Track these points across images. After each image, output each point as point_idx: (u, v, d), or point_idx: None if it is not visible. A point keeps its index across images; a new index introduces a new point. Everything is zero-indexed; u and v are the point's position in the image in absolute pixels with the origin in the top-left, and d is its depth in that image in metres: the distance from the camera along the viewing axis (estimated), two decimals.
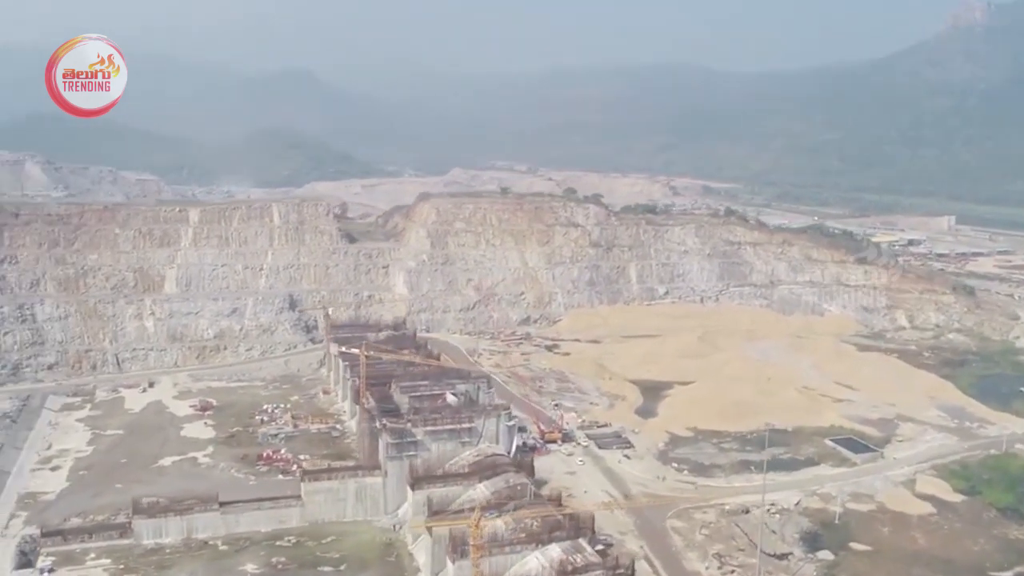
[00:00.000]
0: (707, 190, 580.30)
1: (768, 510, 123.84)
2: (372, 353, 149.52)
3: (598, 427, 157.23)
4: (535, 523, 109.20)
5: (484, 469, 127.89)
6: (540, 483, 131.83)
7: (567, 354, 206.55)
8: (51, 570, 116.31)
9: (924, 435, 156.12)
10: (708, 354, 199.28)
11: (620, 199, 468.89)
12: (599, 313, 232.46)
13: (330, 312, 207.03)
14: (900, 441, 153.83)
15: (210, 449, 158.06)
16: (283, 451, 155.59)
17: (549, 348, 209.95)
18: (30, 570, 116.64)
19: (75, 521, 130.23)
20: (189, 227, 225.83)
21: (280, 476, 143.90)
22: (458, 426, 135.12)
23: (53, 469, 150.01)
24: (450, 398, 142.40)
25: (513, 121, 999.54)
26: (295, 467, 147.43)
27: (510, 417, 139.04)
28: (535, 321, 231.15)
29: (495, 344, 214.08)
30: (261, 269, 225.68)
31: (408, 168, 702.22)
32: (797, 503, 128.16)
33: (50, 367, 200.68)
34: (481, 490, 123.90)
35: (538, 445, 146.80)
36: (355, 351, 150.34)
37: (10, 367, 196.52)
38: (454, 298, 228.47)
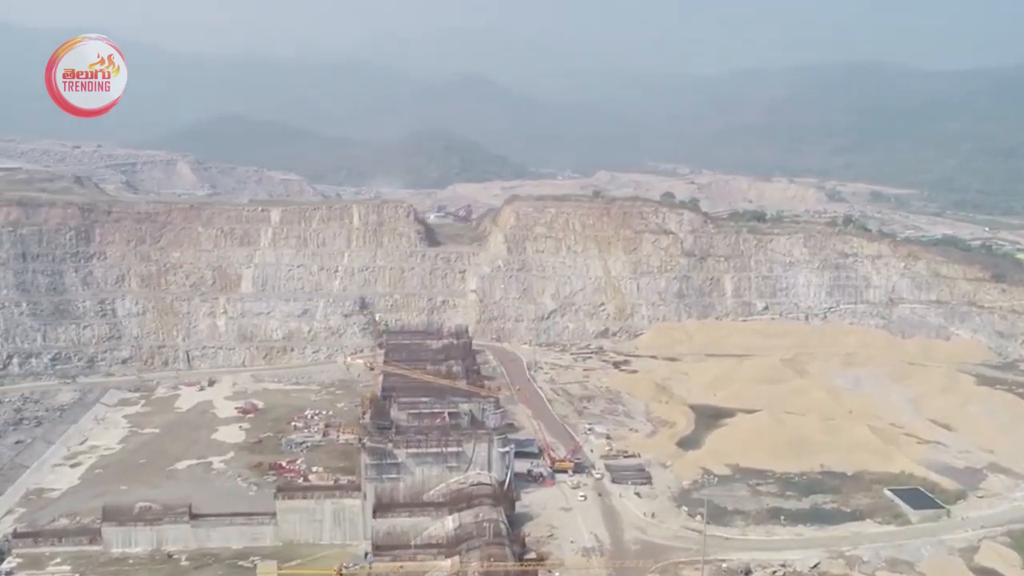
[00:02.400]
0: (875, 196, 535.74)
1: (774, 573, 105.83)
2: (377, 367, 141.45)
3: (625, 457, 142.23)
4: (477, 573, 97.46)
5: (459, 500, 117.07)
6: (524, 519, 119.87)
7: (634, 372, 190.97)
8: (10, 573, 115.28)
9: (1015, 492, 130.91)
10: (788, 380, 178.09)
11: (769, 204, 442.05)
12: (685, 328, 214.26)
13: (378, 317, 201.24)
14: (980, 497, 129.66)
15: (231, 454, 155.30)
16: (300, 461, 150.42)
17: (616, 364, 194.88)
18: None
19: (63, 522, 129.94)
20: (270, 227, 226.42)
21: None
22: (444, 450, 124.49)
23: (73, 466, 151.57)
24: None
25: (685, 123, 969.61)
26: (302, 479, 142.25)
27: (505, 442, 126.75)
28: (614, 334, 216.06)
29: (562, 357, 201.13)
30: (336, 271, 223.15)
31: (568, 170, 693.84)
32: (815, 566, 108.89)
33: (124, 362, 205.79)
34: (448, 524, 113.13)
35: (545, 475, 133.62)
36: (360, 362, 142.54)
37: (85, 360, 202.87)
38: (528, 307, 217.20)
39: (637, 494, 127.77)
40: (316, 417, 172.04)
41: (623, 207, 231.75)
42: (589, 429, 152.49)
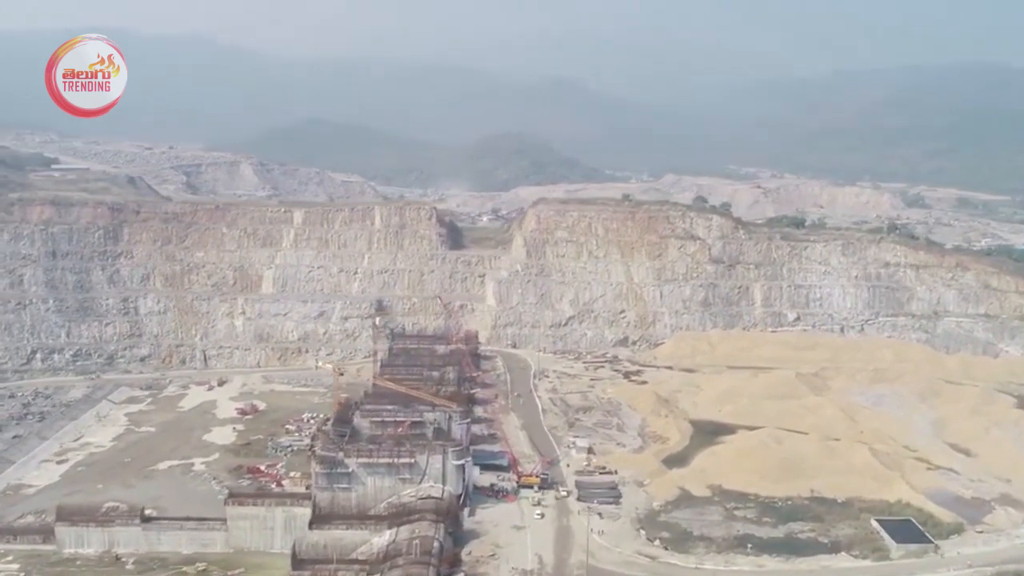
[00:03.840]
0: (962, 202, 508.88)
1: None
2: (343, 372, 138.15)
3: (600, 473, 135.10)
4: None
5: (401, 514, 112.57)
6: (470, 537, 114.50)
7: (643, 383, 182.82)
8: None
9: (1020, 527, 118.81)
10: (801, 396, 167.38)
11: (840, 211, 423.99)
12: (708, 338, 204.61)
13: (377, 321, 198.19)
14: (980, 532, 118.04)
15: (216, 456, 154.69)
16: (280, 466, 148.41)
17: (627, 375, 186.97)
18: None
19: (28, 519, 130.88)
20: (292, 228, 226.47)
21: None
22: (396, 460, 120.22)
23: (59, 462, 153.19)
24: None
25: (774, 126, 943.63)
26: (275, 484, 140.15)
27: (460, 455, 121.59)
28: (634, 343, 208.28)
29: (573, 366, 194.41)
30: (355, 273, 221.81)
31: (645, 173, 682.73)
32: None
33: (142, 360, 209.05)
34: (384, 539, 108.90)
35: (508, 490, 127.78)
36: (329, 366, 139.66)
37: (105, 357, 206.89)
38: (545, 313, 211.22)
39: (599, 514, 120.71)
40: (312, 420, 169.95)
41: (649, 211, 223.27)
42: (572, 443, 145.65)
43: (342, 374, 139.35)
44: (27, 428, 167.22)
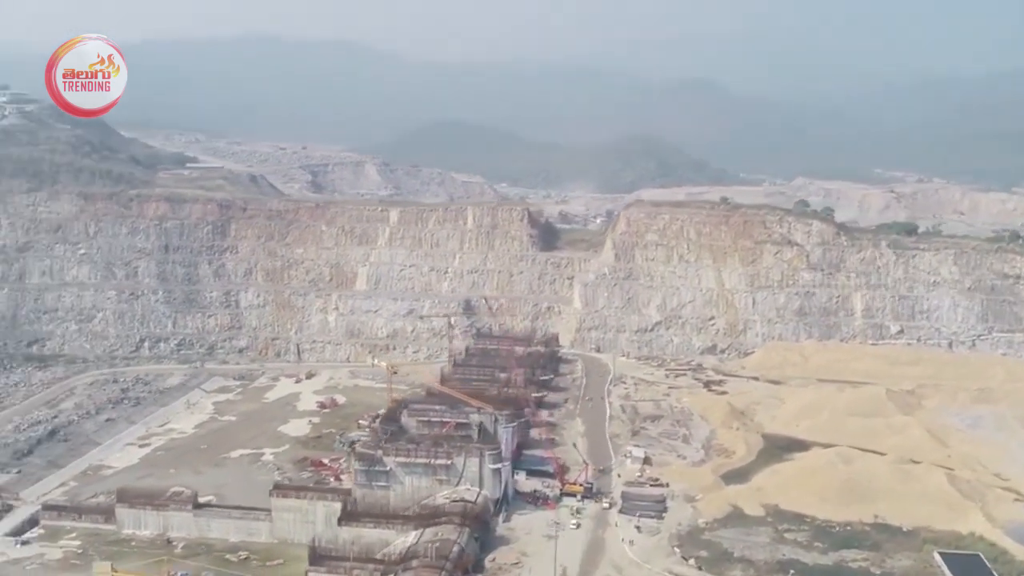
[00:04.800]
0: None
1: None
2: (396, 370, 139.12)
3: (651, 485, 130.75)
4: None
5: (429, 515, 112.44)
6: (499, 543, 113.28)
7: (723, 393, 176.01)
8: (26, 542, 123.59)
9: None
10: (887, 414, 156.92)
11: (983, 218, 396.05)
12: (801, 349, 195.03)
13: (452, 321, 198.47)
14: None
15: (286, 447, 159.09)
16: (343, 460, 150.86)
17: (708, 384, 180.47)
18: (11, 537, 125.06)
19: (100, 499, 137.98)
20: (387, 227, 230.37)
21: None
22: (432, 461, 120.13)
23: (142, 446, 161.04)
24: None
25: (928, 127, 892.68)
26: (334, 479, 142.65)
27: (497, 458, 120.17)
28: (722, 351, 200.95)
29: (654, 373, 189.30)
30: (446, 272, 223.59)
31: (779, 177, 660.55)
32: None
33: (240, 351, 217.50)
34: (408, 540, 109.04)
35: (549, 497, 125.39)
36: (383, 364, 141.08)
37: (206, 347, 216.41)
38: (631, 317, 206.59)
39: (637, 527, 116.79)
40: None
41: (744, 215, 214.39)
42: (628, 452, 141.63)
43: (395, 372, 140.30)
44: (120, 412, 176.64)
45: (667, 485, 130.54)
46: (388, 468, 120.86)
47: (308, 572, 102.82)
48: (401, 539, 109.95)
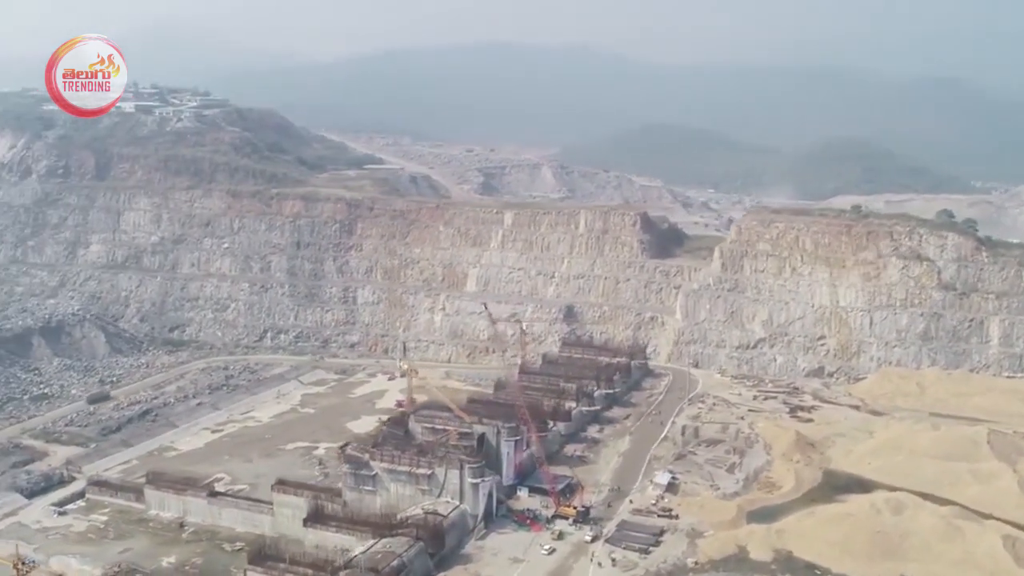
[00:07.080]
0: None
1: None
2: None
3: (660, 515, 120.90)
4: None
5: (387, 526, 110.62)
6: (456, 561, 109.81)
7: (808, 420, 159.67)
8: (64, 513, 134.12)
9: None
10: (977, 459, 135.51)
11: None
12: (920, 377, 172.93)
13: (524, 326, 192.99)
14: None
15: (342, 442, 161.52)
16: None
17: (795, 410, 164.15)
18: (51, 506, 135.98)
19: (143, 479, 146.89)
20: (501, 229, 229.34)
21: None
22: (414, 470, 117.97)
23: (215, 432, 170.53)
24: None
25: None
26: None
27: (479, 473, 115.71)
28: (830, 375, 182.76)
29: (742, 393, 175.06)
30: (552, 276, 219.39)
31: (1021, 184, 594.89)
32: None
33: (352, 346, 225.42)
34: (358, 549, 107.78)
35: (539, 518, 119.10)
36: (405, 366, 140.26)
37: (321, 341, 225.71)
38: (733, 332, 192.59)
39: (612, 559, 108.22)
40: None
41: (868, 226, 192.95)
42: (652, 479, 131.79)
43: (416, 374, 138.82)
44: (214, 398, 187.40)
45: (676, 517, 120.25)
46: (374, 473, 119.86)
47: (247, 571, 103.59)
48: (360, 547, 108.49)
